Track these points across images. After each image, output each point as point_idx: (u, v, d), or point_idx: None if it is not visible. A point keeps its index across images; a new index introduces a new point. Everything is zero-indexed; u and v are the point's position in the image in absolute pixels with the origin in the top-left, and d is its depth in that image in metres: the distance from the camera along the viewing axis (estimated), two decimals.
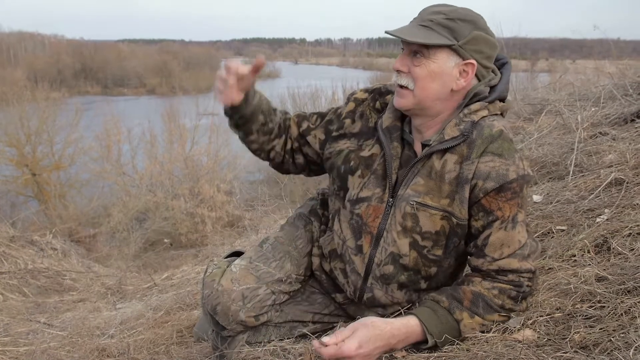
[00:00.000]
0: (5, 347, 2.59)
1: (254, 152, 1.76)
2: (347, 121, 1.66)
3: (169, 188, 12.50)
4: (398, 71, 1.46)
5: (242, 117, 1.63)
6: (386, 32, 1.42)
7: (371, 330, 1.35)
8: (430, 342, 1.40)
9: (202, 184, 12.01)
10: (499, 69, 1.56)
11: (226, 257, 1.82)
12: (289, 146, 1.76)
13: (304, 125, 1.74)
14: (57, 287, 4.24)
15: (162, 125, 17.63)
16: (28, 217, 9.95)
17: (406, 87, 1.44)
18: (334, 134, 1.67)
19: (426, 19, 1.40)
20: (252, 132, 1.68)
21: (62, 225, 10.14)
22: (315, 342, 1.34)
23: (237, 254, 1.83)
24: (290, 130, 1.75)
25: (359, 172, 1.59)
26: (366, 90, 1.69)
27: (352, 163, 1.61)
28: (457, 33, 1.39)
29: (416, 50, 1.41)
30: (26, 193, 17.10)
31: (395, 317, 1.54)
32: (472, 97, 1.46)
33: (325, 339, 1.33)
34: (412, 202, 1.47)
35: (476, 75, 1.45)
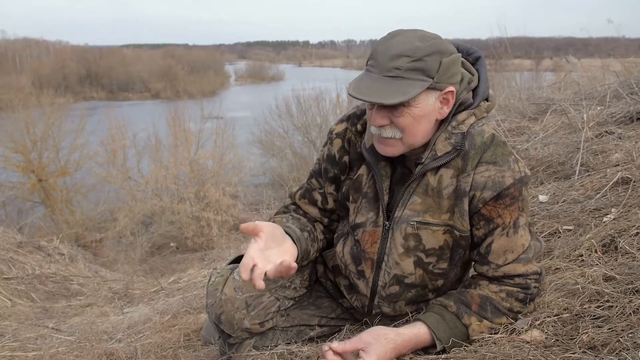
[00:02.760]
0: (13, 352, 2.60)
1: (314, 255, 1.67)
2: (345, 158, 1.58)
3: (174, 192, 12.56)
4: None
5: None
6: (353, 96, 1.30)
7: (385, 343, 1.34)
8: (439, 348, 1.40)
9: (208, 187, 12.06)
10: (472, 65, 1.49)
11: (230, 263, 1.81)
12: (323, 225, 1.69)
13: (316, 196, 1.66)
14: (64, 292, 4.25)
15: (167, 129, 17.71)
16: (35, 223, 9.99)
17: (393, 138, 1.37)
18: (342, 177, 1.60)
19: (391, 68, 1.29)
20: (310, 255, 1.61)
21: (68, 230, 10.21)
22: (325, 347, 1.33)
23: (242, 258, 1.82)
24: (308, 215, 1.68)
25: (351, 197, 1.56)
26: (341, 121, 1.61)
27: (343, 189, 1.59)
28: (429, 71, 1.30)
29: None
30: (33, 199, 17.22)
31: (403, 322, 1.55)
32: (458, 107, 1.41)
33: (334, 344, 1.33)
34: (412, 223, 1.45)
35: None
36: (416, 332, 1.39)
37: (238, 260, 1.82)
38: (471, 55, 1.50)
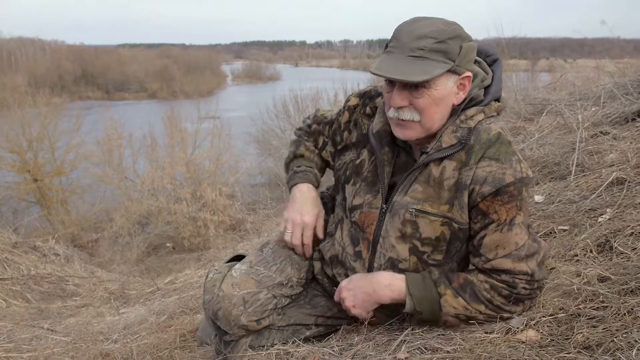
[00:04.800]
0: (8, 353, 2.59)
1: None
2: (345, 133, 1.68)
3: (171, 192, 12.51)
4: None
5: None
6: (375, 74, 1.33)
7: (360, 274, 1.55)
8: (409, 305, 1.44)
9: (204, 187, 12.01)
10: (489, 66, 1.53)
11: (228, 262, 1.82)
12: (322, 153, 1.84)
13: (320, 140, 1.80)
14: (60, 293, 4.24)
15: (164, 129, 17.66)
16: (30, 223, 9.96)
17: (411, 120, 1.40)
18: (339, 147, 1.70)
19: (415, 48, 1.33)
20: None
21: (64, 230, 10.18)
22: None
23: (239, 257, 1.83)
24: (316, 141, 1.84)
25: (352, 181, 1.60)
26: (358, 95, 1.68)
27: (347, 172, 1.63)
28: (451, 53, 1.34)
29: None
30: (28, 199, 17.14)
31: (399, 319, 1.57)
32: (468, 102, 1.44)
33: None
34: (411, 210, 1.47)
35: None
36: (393, 274, 1.49)
37: (235, 259, 1.83)
38: (489, 57, 1.54)
